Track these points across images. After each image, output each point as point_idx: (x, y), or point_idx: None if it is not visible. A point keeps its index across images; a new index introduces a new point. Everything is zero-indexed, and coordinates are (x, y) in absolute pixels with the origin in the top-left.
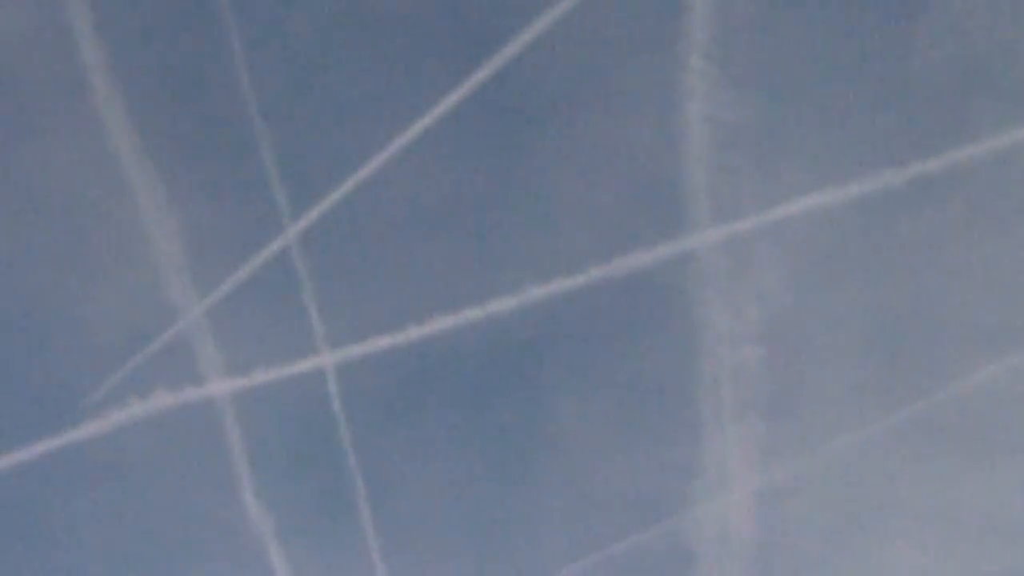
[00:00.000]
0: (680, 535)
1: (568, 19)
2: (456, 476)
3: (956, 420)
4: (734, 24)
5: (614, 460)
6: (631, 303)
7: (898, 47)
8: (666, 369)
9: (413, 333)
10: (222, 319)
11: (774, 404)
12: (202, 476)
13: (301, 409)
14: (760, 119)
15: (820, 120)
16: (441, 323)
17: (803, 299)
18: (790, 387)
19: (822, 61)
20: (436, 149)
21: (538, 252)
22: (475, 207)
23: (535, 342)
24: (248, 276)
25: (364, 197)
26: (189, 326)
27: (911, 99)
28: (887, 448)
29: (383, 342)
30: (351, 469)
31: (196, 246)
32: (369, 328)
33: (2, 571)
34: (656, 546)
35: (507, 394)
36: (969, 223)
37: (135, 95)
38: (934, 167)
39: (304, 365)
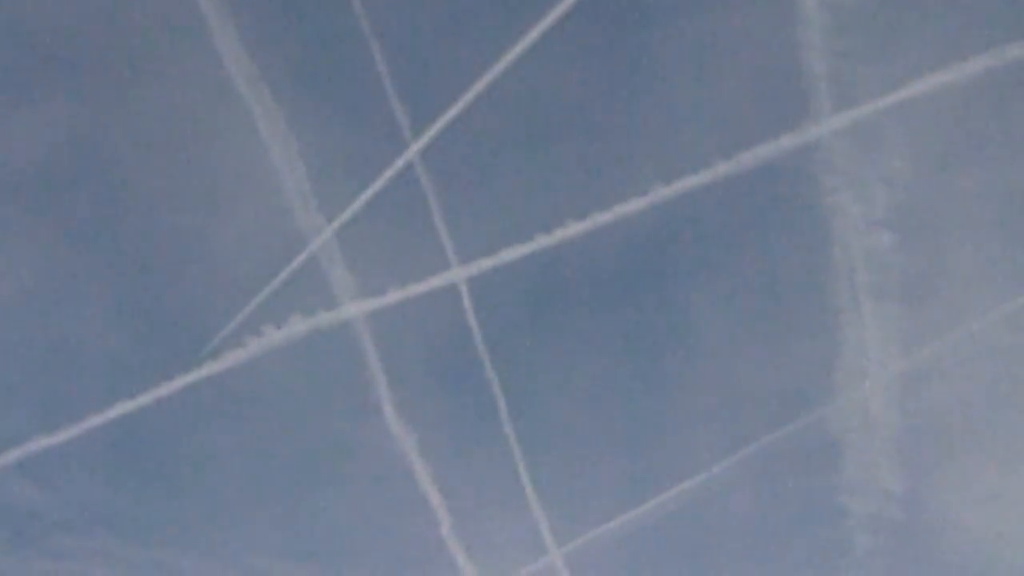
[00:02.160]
0: (825, 424)
1: None
2: (596, 380)
3: None
4: None
5: (754, 354)
6: (759, 196)
7: None
8: (799, 259)
9: (543, 241)
10: (351, 242)
11: (910, 287)
12: (342, 398)
13: (436, 325)
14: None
15: None
16: (570, 229)
17: (932, 180)
18: (925, 269)
19: None
20: (552, 54)
21: (662, 151)
22: (595, 111)
23: (665, 242)
24: (374, 196)
25: (483, 108)
26: (319, 251)
27: None
28: None
29: (513, 252)
30: (489, 380)
31: (320, 170)
32: (498, 240)
33: (149, 505)
34: (802, 437)
35: (641, 295)
36: None
37: (247, 24)
38: None
39: (436, 281)
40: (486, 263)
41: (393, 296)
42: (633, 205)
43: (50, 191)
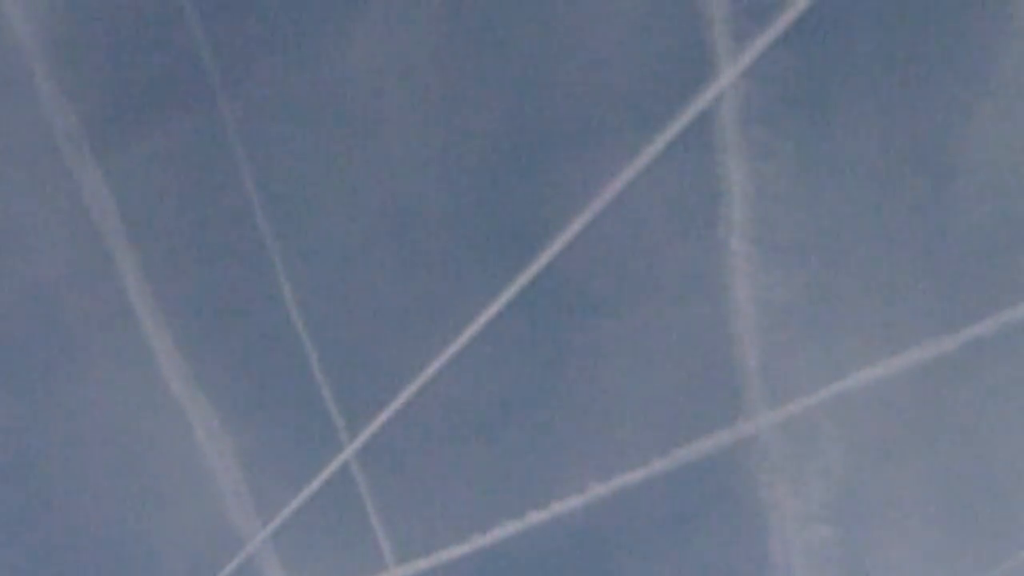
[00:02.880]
0: None
1: (607, 213)
2: None
3: None
4: (772, 203)
5: None
6: (695, 492)
7: (938, 210)
8: (736, 555)
9: (479, 541)
10: (287, 542)
11: None
12: None
13: None
14: (808, 296)
15: (868, 291)
16: (506, 529)
17: (868, 473)
18: (864, 562)
19: (864, 232)
20: (488, 352)
21: (598, 449)
22: (531, 408)
23: (602, 539)
24: (310, 496)
25: (419, 406)
26: (255, 553)
27: (956, 262)
28: None
29: (450, 553)
30: None
31: (255, 471)
32: (435, 539)
33: None
34: None
35: None
36: None
37: (181, 325)
38: (985, 329)
39: None
40: (423, 563)
41: None
42: (569, 503)
43: None
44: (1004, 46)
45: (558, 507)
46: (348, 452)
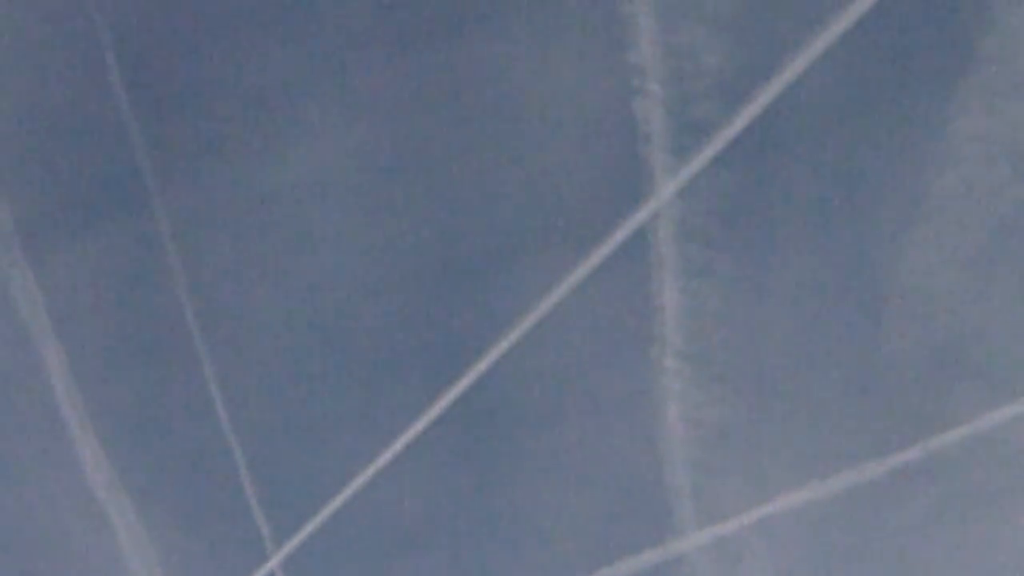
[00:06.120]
0: None
1: (540, 329)
2: None
3: None
4: (707, 323)
5: None
6: None
7: (869, 335)
8: None
9: None
10: None
11: None
12: None
13: None
14: (739, 418)
15: (798, 416)
16: None
17: None
18: None
19: (796, 354)
20: (417, 466)
21: (525, 565)
22: (459, 523)
23: None
24: None
25: (347, 518)
26: None
27: (885, 389)
28: None
29: None
30: None
31: None
32: None
33: None
34: None
35: None
36: (952, 509)
37: (108, 429)
38: (913, 456)
39: None
40: None
41: None
42: None
43: None
44: (937, 172)
45: None
46: (273, 562)
